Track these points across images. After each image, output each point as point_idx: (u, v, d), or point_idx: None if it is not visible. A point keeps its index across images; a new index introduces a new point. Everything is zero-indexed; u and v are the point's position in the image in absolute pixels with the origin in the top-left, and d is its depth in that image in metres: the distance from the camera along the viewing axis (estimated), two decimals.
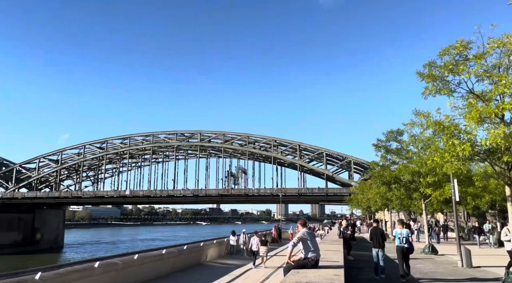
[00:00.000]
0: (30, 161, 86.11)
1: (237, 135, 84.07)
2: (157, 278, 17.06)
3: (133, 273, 15.26)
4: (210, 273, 19.84)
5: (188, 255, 21.44)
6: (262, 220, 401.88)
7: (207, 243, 25.45)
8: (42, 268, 9.81)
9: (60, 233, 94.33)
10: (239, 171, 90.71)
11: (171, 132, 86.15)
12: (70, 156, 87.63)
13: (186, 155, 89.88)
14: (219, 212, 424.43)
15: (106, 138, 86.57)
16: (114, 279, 13.68)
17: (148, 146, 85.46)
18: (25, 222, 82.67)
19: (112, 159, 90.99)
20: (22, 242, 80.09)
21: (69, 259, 69.74)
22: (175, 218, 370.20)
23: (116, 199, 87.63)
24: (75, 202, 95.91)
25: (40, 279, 9.48)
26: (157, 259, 17.55)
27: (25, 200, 79.59)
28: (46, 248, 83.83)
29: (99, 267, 12.37)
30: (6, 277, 8.81)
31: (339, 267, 8.41)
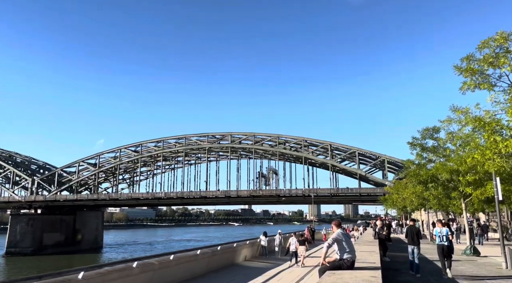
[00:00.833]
0: (70, 165, 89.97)
1: (267, 136, 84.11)
2: (192, 278, 17.34)
3: (169, 273, 15.59)
4: (244, 273, 19.94)
5: (222, 256, 21.66)
6: (294, 221, 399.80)
7: (240, 243, 25.61)
8: (84, 268, 10.23)
9: (99, 233, 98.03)
10: (270, 172, 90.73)
11: (203, 135, 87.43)
12: (107, 159, 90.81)
13: (218, 156, 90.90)
14: (251, 213, 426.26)
15: (140, 142, 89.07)
16: (151, 279, 14.03)
17: (181, 148, 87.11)
18: (67, 224, 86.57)
19: (147, 161, 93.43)
20: (64, 243, 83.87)
21: (108, 259, 72.27)
22: (208, 219, 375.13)
23: (151, 201, 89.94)
24: (113, 203, 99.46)
25: (83, 278, 9.88)
26: (192, 260, 17.84)
27: (66, 202, 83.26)
28: (86, 248, 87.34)
29: (137, 267, 12.74)
30: (52, 277, 9.25)
31: (376, 269, 8.24)
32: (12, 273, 56.56)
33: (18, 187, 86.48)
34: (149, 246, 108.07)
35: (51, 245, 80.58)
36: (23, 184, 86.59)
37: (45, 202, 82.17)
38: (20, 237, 78.17)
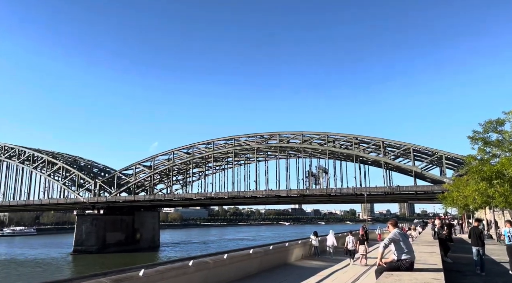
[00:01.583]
0: (128, 167, 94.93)
1: (316, 135, 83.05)
2: (245, 277, 17.55)
3: (223, 272, 15.89)
4: (297, 273, 19.83)
5: (274, 255, 21.70)
6: (347, 220, 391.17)
7: (292, 243, 25.51)
8: (144, 266, 10.74)
9: (156, 233, 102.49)
10: (320, 171, 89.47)
11: (251, 135, 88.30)
12: (161, 161, 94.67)
13: (266, 156, 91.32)
14: (301, 212, 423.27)
15: (192, 144, 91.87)
16: (206, 277, 14.39)
17: (230, 149, 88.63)
18: (127, 223, 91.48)
19: (198, 162, 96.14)
20: (125, 241, 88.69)
21: (166, 257, 75.34)
22: (258, 218, 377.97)
23: (203, 201, 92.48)
24: (167, 204, 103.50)
25: (144, 276, 10.38)
26: (245, 259, 18.05)
27: (125, 203, 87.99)
28: (145, 247, 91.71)
29: (193, 265, 13.13)
30: (116, 273, 9.82)
31: (438, 270, 7.82)
32: (80, 269, 60.85)
33: (82, 189, 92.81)
34: (204, 245, 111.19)
35: (113, 244, 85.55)
36: (87, 186, 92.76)
37: (106, 203, 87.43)
38: (85, 236, 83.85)
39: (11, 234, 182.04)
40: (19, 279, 49.57)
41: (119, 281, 9.65)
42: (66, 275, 54.13)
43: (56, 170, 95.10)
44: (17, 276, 54.18)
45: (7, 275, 55.32)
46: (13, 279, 50.22)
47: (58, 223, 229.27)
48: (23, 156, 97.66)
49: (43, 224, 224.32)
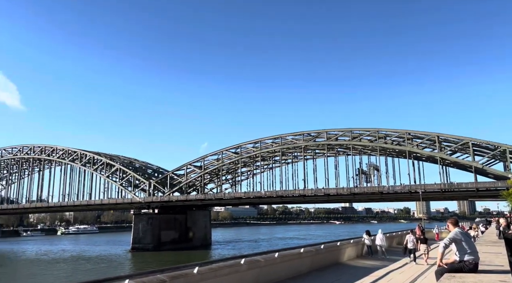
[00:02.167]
0: (179, 168, 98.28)
1: (366, 131, 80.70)
2: (297, 276, 17.46)
3: (275, 271, 15.92)
4: (349, 273, 19.40)
5: (326, 255, 21.38)
6: (401, 219, 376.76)
7: (344, 242, 24.98)
8: (198, 263, 11.03)
9: (208, 231, 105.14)
10: (371, 168, 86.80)
11: (298, 133, 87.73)
12: (211, 161, 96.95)
13: (314, 154, 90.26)
14: (352, 211, 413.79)
15: (239, 144, 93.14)
16: (258, 276, 14.50)
17: (277, 148, 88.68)
18: (180, 222, 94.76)
19: (246, 162, 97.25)
20: (178, 240, 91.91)
21: (220, 255, 77.03)
22: (308, 217, 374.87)
23: (252, 200, 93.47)
24: (218, 203, 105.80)
25: (198, 273, 10.68)
26: (296, 258, 17.96)
27: (178, 203, 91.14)
28: (197, 245, 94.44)
29: (244, 263, 13.29)
30: (172, 270, 10.20)
31: (505, 272, 7.27)
32: (140, 266, 64.10)
33: (138, 189, 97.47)
34: (254, 243, 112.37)
35: (167, 242, 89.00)
36: (142, 186, 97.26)
37: (160, 202, 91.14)
38: (142, 234, 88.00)
39: (76, 232, 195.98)
40: (87, 274, 53.37)
41: (175, 277, 9.99)
42: (126, 271, 57.37)
43: (114, 171, 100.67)
44: (84, 271, 58.44)
45: (76, 270, 59.88)
46: (81, 274, 54.18)
47: (117, 222, 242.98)
48: (85, 159, 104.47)
49: (104, 223, 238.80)
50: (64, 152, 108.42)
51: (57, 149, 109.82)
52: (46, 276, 54.22)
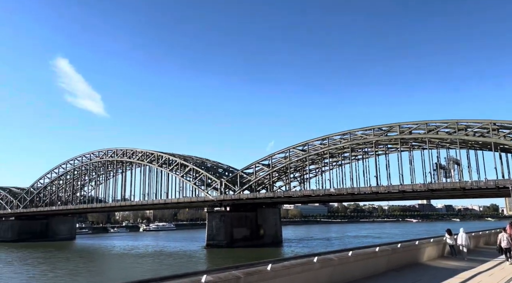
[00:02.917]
0: (248, 167, 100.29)
1: (443, 123, 75.15)
2: (372, 276, 16.85)
3: (349, 270, 15.52)
4: (430, 274, 18.31)
5: (403, 254, 20.34)
6: (487, 217, 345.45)
7: (423, 241, 23.51)
8: (272, 260, 11.16)
9: (278, 229, 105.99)
10: (450, 162, 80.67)
11: (368, 128, 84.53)
12: (278, 159, 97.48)
13: (386, 149, 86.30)
14: (430, 208, 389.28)
15: (306, 141, 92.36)
16: (331, 274, 14.25)
17: (346, 144, 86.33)
18: (250, 220, 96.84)
19: (314, 159, 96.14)
20: (250, 237, 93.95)
21: (290, 253, 77.37)
22: (381, 215, 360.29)
23: (321, 197, 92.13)
24: (287, 201, 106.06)
25: (271, 270, 10.81)
26: (371, 257, 17.33)
27: (248, 200, 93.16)
28: (268, 242, 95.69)
29: (317, 262, 13.14)
30: (246, 267, 10.43)
31: None
32: (214, 262, 66.86)
33: (210, 188, 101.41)
34: (327, 241, 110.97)
35: (239, 239, 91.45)
36: (214, 185, 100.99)
37: (231, 200, 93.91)
38: (215, 231, 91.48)
39: (156, 229, 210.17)
40: (169, 268, 57.25)
41: (249, 274, 10.21)
42: (203, 267, 60.24)
43: (188, 171, 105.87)
44: (167, 265, 62.68)
45: (159, 264, 64.48)
46: (164, 268, 58.19)
47: (192, 219, 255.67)
48: (161, 160, 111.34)
49: (180, 220, 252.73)
50: (143, 154, 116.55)
51: (137, 152, 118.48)
52: (135, 270, 59.16)
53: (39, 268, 62.55)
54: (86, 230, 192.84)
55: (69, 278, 52.16)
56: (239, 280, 9.84)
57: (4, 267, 63.63)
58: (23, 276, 54.03)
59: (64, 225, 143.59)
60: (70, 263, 68.12)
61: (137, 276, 46.48)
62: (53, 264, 67.23)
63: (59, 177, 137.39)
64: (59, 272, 56.71)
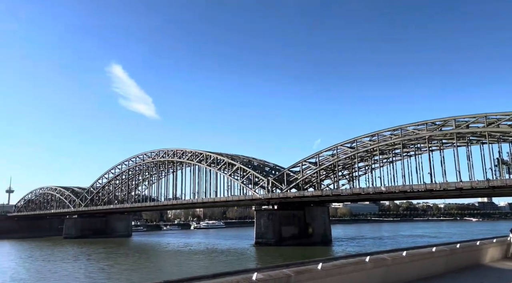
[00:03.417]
0: (295, 165, 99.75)
1: (505, 115, 69.89)
2: (429, 277, 16.07)
3: (403, 270, 14.92)
4: (495, 276, 17.14)
5: (462, 255, 19.16)
6: None
7: (485, 242, 22.01)
8: (322, 259, 11.00)
9: (327, 227, 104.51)
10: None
11: (420, 123, 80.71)
12: (325, 157, 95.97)
13: (441, 144, 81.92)
14: (491, 207, 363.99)
15: (355, 138, 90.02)
16: (385, 275, 13.78)
17: (397, 140, 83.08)
18: (298, 218, 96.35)
19: (363, 156, 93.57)
20: (298, 235, 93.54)
21: (340, 252, 76.09)
22: (437, 214, 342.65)
23: (371, 195, 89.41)
24: (335, 199, 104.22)
25: (322, 269, 10.64)
26: (427, 257, 16.52)
27: (295, 199, 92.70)
28: (317, 241, 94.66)
29: (369, 261, 12.76)
30: (296, 265, 10.38)
31: None
32: (264, 259, 67.33)
33: (257, 186, 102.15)
34: (379, 240, 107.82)
35: (288, 237, 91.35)
36: (261, 184, 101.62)
37: (278, 198, 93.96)
38: (264, 230, 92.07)
39: (206, 227, 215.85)
40: (221, 265, 58.84)
41: (300, 273, 10.14)
42: (253, 264, 61.00)
43: (235, 170, 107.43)
44: (218, 262, 64.37)
45: (212, 261, 66.39)
46: (216, 265, 59.85)
47: (240, 217, 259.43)
48: (209, 160, 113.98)
49: (229, 218, 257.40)
50: (192, 154, 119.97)
51: (186, 152, 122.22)
52: (189, 266, 61.47)
53: (103, 263, 67.47)
54: (141, 227, 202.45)
55: (130, 272, 55.69)
56: (289, 278, 9.80)
57: (74, 262, 69.20)
58: (92, 268, 59.78)
59: (121, 222, 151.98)
60: (129, 259, 72.29)
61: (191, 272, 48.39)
62: (114, 259, 71.78)
63: (116, 177, 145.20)
64: (121, 267, 60.85)
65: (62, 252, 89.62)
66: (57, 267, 62.76)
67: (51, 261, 71.33)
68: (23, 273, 57.15)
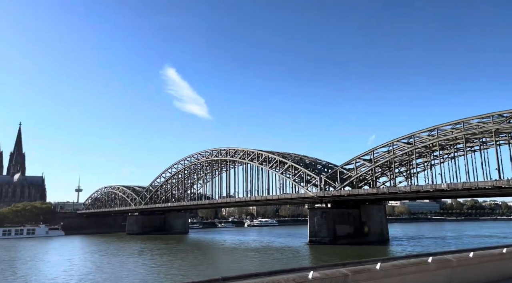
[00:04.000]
0: (348, 162, 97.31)
1: None
2: (500, 280, 14.92)
3: (470, 273, 13.98)
4: None
5: None
6: None
7: None
8: (380, 259, 10.60)
9: (384, 226, 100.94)
10: None
11: (485, 115, 75.07)
12: (381, 154, 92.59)
13: (510, 138, 75.56)
14: None
15: (412, 133, 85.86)
16: (450, 277, 13.02)
17: (459, 134, 77.97)
18: (353, 216, 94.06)
19: (422, 152, 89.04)
20: (353, 234, 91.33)
21: (399, 252, 73.20)
22: (507, 213, 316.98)
23: (431, 193, 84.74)
24: (392, 197, 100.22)
25: (381, 269, 10.27)
26: (497, 259, 15.32)
27: (350, 197, 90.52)
28: (373, 240, 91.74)
29: (432, 262, 12.11)
30: (353, 265, 10.10)
31: None
32: (319, 258, 66.66)
33: (310, 184, 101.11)
34: (441, 240, 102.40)
35: (343, 236, 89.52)
36: (313, 182, 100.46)
37: (332, 197, 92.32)
38: (318, 228, 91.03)
39: (259, 225, 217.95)
40: (276, 263, 59.33)
41: (357, 272, 9.88)
42: (308, 263, 60.69)
43: (287, 168, 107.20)
44: (273, 260, 64.89)
45: (267, 259, 67.10)
46: (271, 263, 60.39)
47: (293, 215, 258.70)
48: (261, 158, 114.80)
49: (282, 216, 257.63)
50: (244, 152, 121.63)
51: (238, 151, 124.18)
52: (246, 263, 62.77)
53: (166, 258, 71.66)
54: (197, 224, 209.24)
55: (192, 267, 58.34)
56: (346, 278, 9.59)
57: (140, 257, 73.91)
58: (157, 263, 63.95)
59: (178, 220, 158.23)
60: (189, 255, 75.55)
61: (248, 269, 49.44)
62: (176, 255, 75.44)
63: (172, 176, 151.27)
64: (183, 262, 64.12)
65: (128, 247, 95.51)
66: (126, 261, 67.38)
67: (120, 255, 76.81)
68: (99, 266, 61.81)
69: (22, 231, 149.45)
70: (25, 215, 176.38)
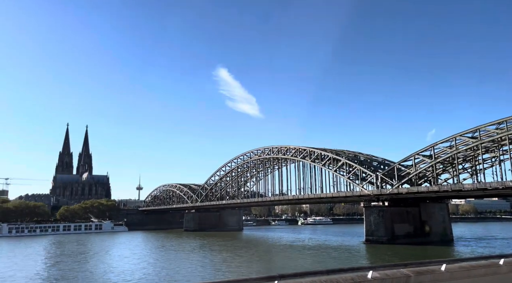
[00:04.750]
0: (406, 159, 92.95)
1: None
2: None
3: None
4: None
5: None
6: None
7: None
8: (446, 260, 10.03)
9: (447, 226, 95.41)
10: None
11: None
12: (442, 149, 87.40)
13: None
14: None
15: (477, 127, 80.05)
16: None
17: None
18: (413, 215, 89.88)
19: (489, 147, 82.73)
20: (413, 233, 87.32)
21: (465, 253, 68.86)
22: None
23: (501, 191, 78.35)
24: (455, 195, 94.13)
25: (446, 271, 9.72)
26: None
27: (408, 195, 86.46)
28: (435, 240, 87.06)
29: (504, 264, 11.23)
30: (416, 265, 9.66)
31: None
32: (378, 258, 64.74)
33: (365, 182, 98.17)
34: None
35: (402, 235, 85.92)
36: (369, 179, 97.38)
37: (389, 195, 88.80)
38: (374, 227, 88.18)
39: (313, 223, 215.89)
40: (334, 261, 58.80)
41: (421, 273, 9.44)
42: (366, 262, 59.12)
43: (340, 166, 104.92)
44: (331, 258, 64.28)
45: (324, 257, 66.58)
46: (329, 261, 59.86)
47: (348, 214, 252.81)
48: (313, 156, 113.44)
49: (336, 215, 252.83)
50: (296, 150, 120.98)
51: (290, 148, 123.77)
52: (303, 260, 62.87)
53: (225, 254, 74.07)
54: (251, 222, 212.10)
55: (251, 263, 60.05)
56: (408, 279, 9.19)
57: (200, 252, 76.76)
58: (217, 259, 66.11)
59: (232, 217, 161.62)
60: (247, 251, 76.99)
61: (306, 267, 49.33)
62: (233, 251, 77.35)
63: (226, 174, 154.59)
64: (241, 259, 65.73)
65: (187, 243, 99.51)
66: (188, 256, 70.10)
67: (180, 251, 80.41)
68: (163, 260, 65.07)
69: (91, 226, 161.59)
70: (92, 211, 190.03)
